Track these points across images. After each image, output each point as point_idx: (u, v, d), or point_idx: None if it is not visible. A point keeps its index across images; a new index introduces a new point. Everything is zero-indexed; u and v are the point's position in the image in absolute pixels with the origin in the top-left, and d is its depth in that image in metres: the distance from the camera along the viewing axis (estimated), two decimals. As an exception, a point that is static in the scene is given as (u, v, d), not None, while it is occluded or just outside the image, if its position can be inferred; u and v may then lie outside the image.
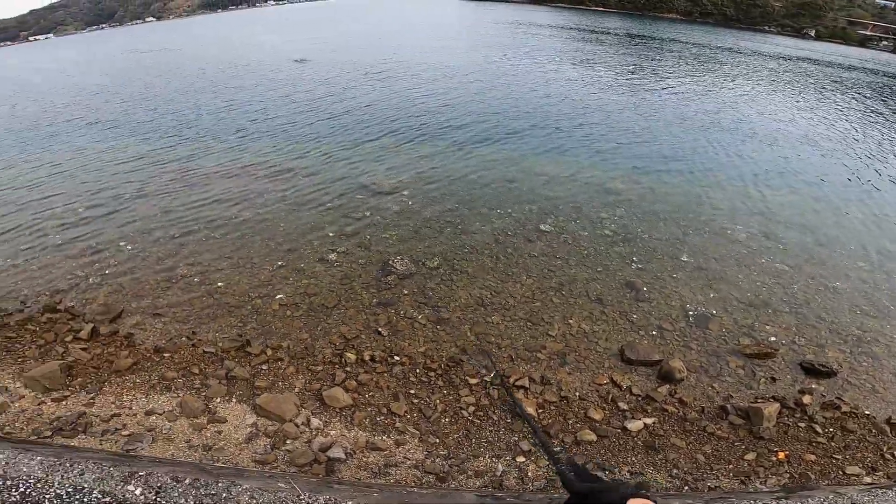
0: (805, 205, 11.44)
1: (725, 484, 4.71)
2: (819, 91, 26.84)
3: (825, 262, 8.93)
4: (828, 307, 7.61)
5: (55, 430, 4.53)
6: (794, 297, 7.81)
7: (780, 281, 8.23)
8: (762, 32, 67.76)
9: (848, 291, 8.03)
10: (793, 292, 7.94)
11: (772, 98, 23.46)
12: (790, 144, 16.10)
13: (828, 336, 6.97)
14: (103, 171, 13.52)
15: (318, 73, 27.17)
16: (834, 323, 7.24)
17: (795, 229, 10.11)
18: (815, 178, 13.23)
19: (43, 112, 22.02)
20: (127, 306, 7.40)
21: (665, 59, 33.61)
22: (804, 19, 69.85)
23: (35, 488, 2.24)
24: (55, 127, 19.31)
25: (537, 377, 6.11)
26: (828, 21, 69.93)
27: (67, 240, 9.48)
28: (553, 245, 9.11)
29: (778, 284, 8.13)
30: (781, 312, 7.45)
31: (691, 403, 5.81)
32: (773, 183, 12.65)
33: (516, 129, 16.30)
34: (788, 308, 7.55)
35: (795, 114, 20.49)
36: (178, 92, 24.50)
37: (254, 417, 5.08)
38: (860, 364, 6.47)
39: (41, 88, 30.35)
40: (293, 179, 12.25)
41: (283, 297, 7.61)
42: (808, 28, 68.98)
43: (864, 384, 6.16)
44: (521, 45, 37.15)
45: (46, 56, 57.79)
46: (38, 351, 6.14)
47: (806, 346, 6.77)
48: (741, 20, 73.64)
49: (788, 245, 9.43)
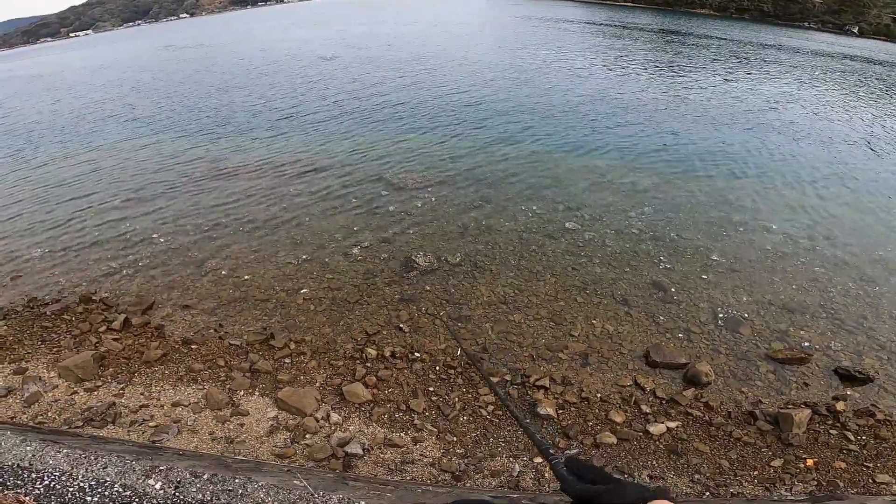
0: (848, 207, 10.85)
1: (749, 490, 4.57)
2: (865, 89, 25.51)
3: (866, 266, 8.49)
4: (867, 313, 7.26)
5: (86, 421, 4.71)
6: (832, 302, 7.49)
7: (818, 285, 7.90)
8: (802, 29, 64.84)
9: (889, 296, 7.65)
10: (830, 296, 7.61)
11: (814, 96, 22.38)
12: (834, 144, 15.30)
13: (865, 342, 6.65)
14: (140, 166, 14.01)
15: (345, 70, 27.40)
16: (872, 329, 6.90)
17: (837, 231, 9.63)
18: (860, 180, 12.53)
19: (85, 109, 22.90)
20: (158, 298, 7.65)
21: (699, 56, 32.47)
22: (846, 15, 66.57)
23: (59, 481, 2.32)
24: (96, 123, 20.06)
25: (558, 377, 6.03)
26: (871, 17, 66.48)
27: (104, 232, 9.86)
28: (578, 243, 8.96)
29: (815, 288, 7.81)
30: (817, 317, 7.16)
31: (718, 408, 5.65)
32: (814, 183, 12.02)
33: (543, 126, 16.06)
34: (825, 313, 7.24)
35: (840, 113, 19.50)
36: (211, 88, 25.11)
37: (275, 411, 5.18)
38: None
39: (84, 86, 31.50)
40: (319, 175, 12.40)
41: (307, 291, 7.72)
42: (850, 24, 65.73)
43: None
44: (549, 42, 36.57)
45: (89, 53, 59.86)
46: (73, 341, 6.40)
47: (842, 352, 6.49)
48: (779, 16, 70.68)
49: (828, 248, 9.00)
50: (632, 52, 32.53)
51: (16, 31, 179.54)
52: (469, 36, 40.87)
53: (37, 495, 2.17)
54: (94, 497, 2.25)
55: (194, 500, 2.49)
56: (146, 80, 30.04)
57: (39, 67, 52.42)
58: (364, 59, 30.39)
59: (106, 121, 20.18)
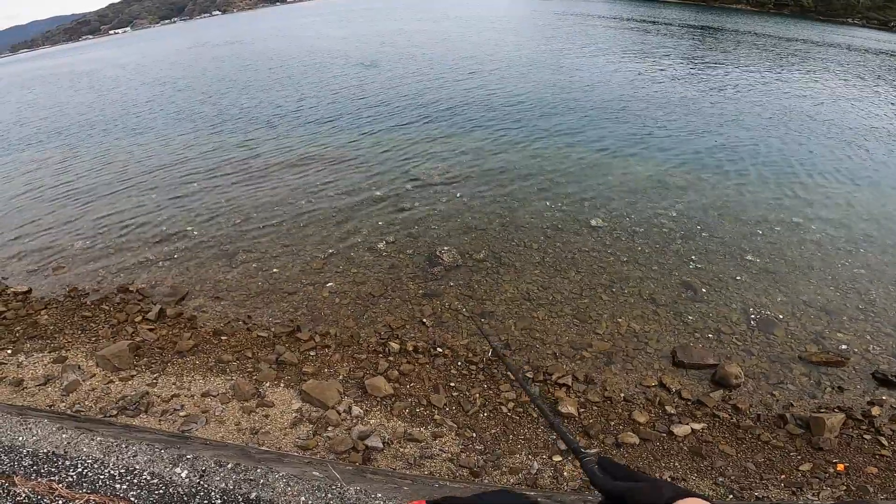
0: (891, 208, 10.32)
1: (774, 494, 4.45)
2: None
3: (910, 268, 8.10)
4: (909, 315, 6.93)
5: (120, 410, 4.93)
6: (872, 304, 7.16)
7: (857, 286, 7.57)
8: (845, 25, 61.56)
9: (935, 298, 7.28)
10: (870, 299, 7.28)
11: (860, 93, 21.20)
12: (878, 144, 14.43)
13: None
14: (178, 161, 14.49)
15: (371, 67, 27.54)
16: (915, 333, 6.59)
17: (880, 232, 9.15)
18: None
19: (124, 106, 23.71)
20: (191, 289, 7.91)
21: (734, 53, 31.09)
22: (892, 11, 62.89)
23: (91, 468, 2.44)
24: (134, 120, 20.82)
25: (581, 376, 5.98)
26: (919, 13, 62.57)
27: (141, 225, 10.25)
28: (605, 241, 8.82)
29: (854, 290, 7.49)
30: (856, 319, 6.87)
31: (746, 410, 5.51)
32: (855, 183, 11.38)
33: (570, 122, 15.78)
34: (864, 315, 6.94)
35: (885, 112, 18.51)
36: (242, 86, 25.67)
37: (299, 403, 5.30)
38: (942, 379, 5.87)
39: (124, 83, 32.61)
40: (347, 170, 12.55)
41: (332, 284, 7.85)
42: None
43: (943, 399, 5.60)
44: (578, 38, 35.76)
45: (128, 51, 61.83)
46: (111, 331, 6.68)
47: (881, 356, 6.22)
48: (821, 12, 67.38)
49: (870, 248, 8.59)
50: (663, 48, 31.56)
51: (58, 28, 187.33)
52: (496, 32, 40.48)
53: (69, 482, 2.29)
54: (123, 484, 2.36)
55: (217, 488, 2.58)
56: (182, 77, 30.93)
57: (82, 65, 54.54)
58: (389, 55, 30.51)
59: (144, 118, 20.90)
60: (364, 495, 3.06)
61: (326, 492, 2.97)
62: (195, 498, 2.55)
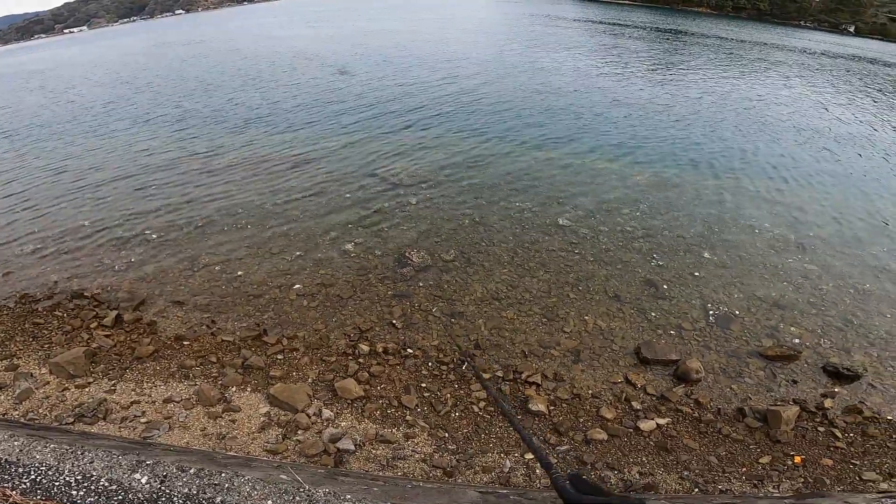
0: (838, 205, 10.94)
1: (737, 487, 4.60)
2: (861, 89, 25.64)
3: (856, 263, 8.57)
4: (856, 310, 7.32)
5: (77, 417, 4.71)
6: (822, 299, 7.54)
7: (808, 281, 7.95)
8: (798, 28, 65.12)
9: (878, 294, 7.71)
10: (820, 293, 7.67)
11: (809, 95, 22.49)
12: (826, 143, 15.41)
13: (854, 339, 6.71)
14: (133, 163, 13.93)
15: (338, 67, 27.30)
16: (862, 326, 6.96)
17: (827, 229, 9.72)
18: (851, 178, 12.66)
19: (78, 105, 22.68)
20: (150, 294, 7.62)
21: (695, 55, 32.57)
22: (843, 14, 67.01)
23: (46, 476, 2.33)
24: (87, 120, 19.95)
25: (550, 374, 6.06)
26: (867, 16, 66.91)
27: (96, 229, 9.81)
28: (572, 240, 8.98)
29: (805, 285, 7.86)
30: (807, 314, 7.21)
31: (707, 405, 5.69)
32: (805, 181, 12.16)
33: (538, 123, 16.08)
34: (815, 310, 7.30)
35: (834, 111, 19.60)
36: (209, 87, 24.95)
37: (267, 407, 5.18)
38: (886, 368, 6.22)
39: (81, 83, 31.27)
40: (313, 171, 12.37)
41: (300, 287, 7.72)
42: (846, 24, 66.13)
43: (888, 389, 5.92)
44: (546, 40, 36.52)
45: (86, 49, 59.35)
46: (65, 337, 6.37)
47: (831, 349, 6.54)
48: (776, 15, 71.08)
49: (819, 245, 9.08)
50: (627, 50, 32.57)
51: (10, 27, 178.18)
52: (466, 33, 40.77)
53: (23, 489, 2.17)
54: (80, 491, 2.26)
55: (179, 493, 2.50)
56: (141, 77, 29.85)
57: (33, 64, 51.99)
58: (358, 56, 30.30)
59: (100, 119, 20.02)
60: (333, 497, 3.01)
61: (294, 495, 2.91)
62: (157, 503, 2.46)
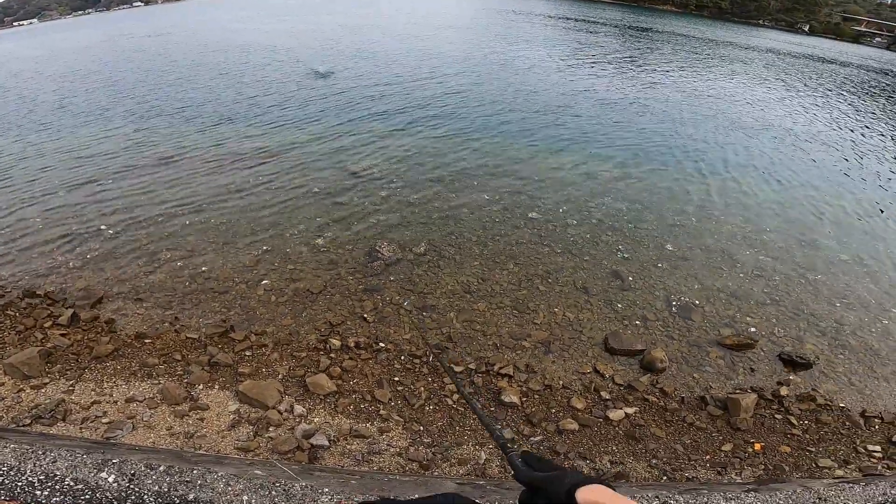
0: (791, 198, 11.56)
1: (702, 475, 4.77)
2: (813, 87, 27.00)
3: (808, 254, 9.05)
4: (808, 299, 7.72)
5: (34, 419, 4.47)
6: (776, 289, 7.91)
7: (763, 273, 8.33)
8: (756, 26, 67.97)
9: (828, 284, 8.16)
10: (774, 284, 8.04)
11: (764, 92, 23.57)
12: (780, 138, 16.25)
13: (806, 328, 7.07)
14: (88, 156, 13.24)
15: (306, 59, 26.77)
16: (813, 315, 7.35)
17: (781, 222, 10.23)
18: (803, 173, 13.38)
19: (32, 101, 21.33)
20: (108, 291, 7.30)
21: (659, 51, 33.58)
22: (798, 14, 70.30)
23: (7, 476, 2.21)
24: (39, 112, 18.88)
25: (522, 365, 6.14)
26: (822, 16, 70.37)
27: (47, 224, 9.31)
28: (541, 233, 9.11)
29: (760, 276, 8.23)
30: (762, 304, 7.55)
31: (672, 394, 5.87)
32: (760, 175, 12.79)
33: (508, 117, 16.22)
34: (769, 300, 7.65)
35: (787, 108, 20.65)
36: (169, 80, 23.93)
37: (237, 404, 5.06)
38: (837, 356, 6.59)
39: (30, 77, 29.58)
40: (280, 164, 12.09)
41: (268, 282, 7.55)
42: (801, 23, 69.36)
43: (839, 377, 6.27)
44: (516, 36, 36.85)
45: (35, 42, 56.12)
46: (17, 337, 6.04)
47: (785, 338, 6.87)
48: (736, 13, 73.97)
49: (773, 237, 9.53)
50: (595, 46, 33.20)
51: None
52: (438, 29, 40.62)
53: (-18, 492, 2.06)
54: (44, 491, 2.16)
55: (150, 491, 2.42)
56: (95, 71, 28.39)
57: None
58: (328, 51, 29.76)
59: (52, 112, 18.94)
60: (311, 490, 2.98)
61: (270, 489, 2.87)
62: (126, 502, 2.37)
